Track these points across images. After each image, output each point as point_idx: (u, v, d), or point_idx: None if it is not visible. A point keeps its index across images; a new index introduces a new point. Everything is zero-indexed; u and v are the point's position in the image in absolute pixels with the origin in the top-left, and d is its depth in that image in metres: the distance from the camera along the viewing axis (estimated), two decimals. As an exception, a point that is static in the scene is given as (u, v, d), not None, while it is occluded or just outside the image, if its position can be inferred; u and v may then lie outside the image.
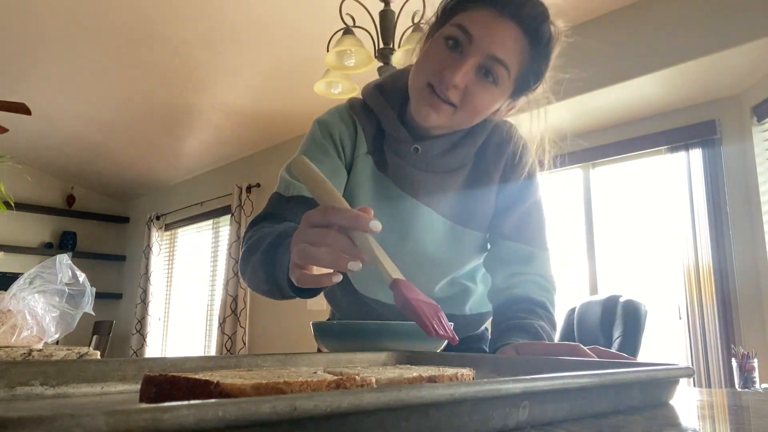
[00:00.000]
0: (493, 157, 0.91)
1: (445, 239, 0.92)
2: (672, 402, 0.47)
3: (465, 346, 1.02)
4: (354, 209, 0.55)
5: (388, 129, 0.89)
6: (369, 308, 0.97)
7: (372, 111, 0.91)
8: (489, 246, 0.95)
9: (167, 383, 0.34)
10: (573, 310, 2.46)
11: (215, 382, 0.32)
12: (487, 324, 1.06)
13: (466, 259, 0.95)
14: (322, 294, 0.94)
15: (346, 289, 0.99)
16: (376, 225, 0.53)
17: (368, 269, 0.67)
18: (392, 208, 0.90)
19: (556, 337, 0.86)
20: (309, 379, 0.35)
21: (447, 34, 0.78)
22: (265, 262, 0.71)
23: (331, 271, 0.57)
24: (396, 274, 0.55)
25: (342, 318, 1.04)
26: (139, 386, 0.37)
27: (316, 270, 0.58)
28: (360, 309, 0.99)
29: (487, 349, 1.04)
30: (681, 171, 2.82)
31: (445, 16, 0.82)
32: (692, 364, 2.62)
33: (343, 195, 0.93)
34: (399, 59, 2.15)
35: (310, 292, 0.68)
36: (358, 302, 0.98)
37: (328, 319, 1.02)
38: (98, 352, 1.42)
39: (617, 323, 2.16)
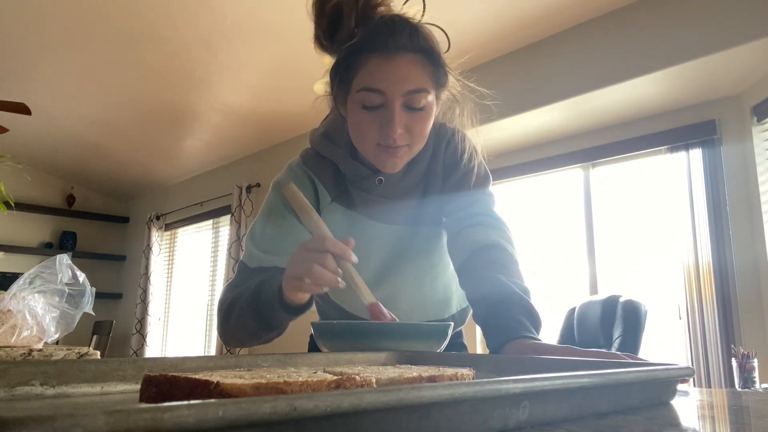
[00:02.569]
0: (435, 168, 0.97)
1: (418, 245, 0.98)
2: (672, 402, 0.47)
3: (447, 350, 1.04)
4: (341, 242, 0.73)
5: (348, 170, 0.94)
6: (339, 312, 1.03)
7: (325, 158, 0.96)
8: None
9: (167, 383, 0.35)
10: (573, 310, 2.47)
11: (215, 382, 0.32)
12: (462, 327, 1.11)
13: (439, 255, 1.00)
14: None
15: (326, 301, 1.06)
16: (355, 257, 0.74)
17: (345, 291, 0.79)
18: (369, 238, 0.96)
19: (556, 336, 0.87)
20: (309, 379, 0.35)
21: (361, 102, 0.84)
22: (255, 301, 0.82)
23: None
24: (370, 299, 0.79)
25: (320, 314, 1.09)
26: (139, 386, 0.37)
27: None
28: (331, 306, 1.04)
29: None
30: (681, 171, 2.81)
31: (345, 80, 0.87)
32: (692, 364, 2.62)
33: None
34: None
35: (298, 312, 0.81)
36: (335, 309, 1.04)
37: (328, 320, 1.03)
38: (98, 352, 1.42)
39: (617, 323, 2.16)
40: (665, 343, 2.86)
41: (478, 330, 3.39)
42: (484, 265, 0.86)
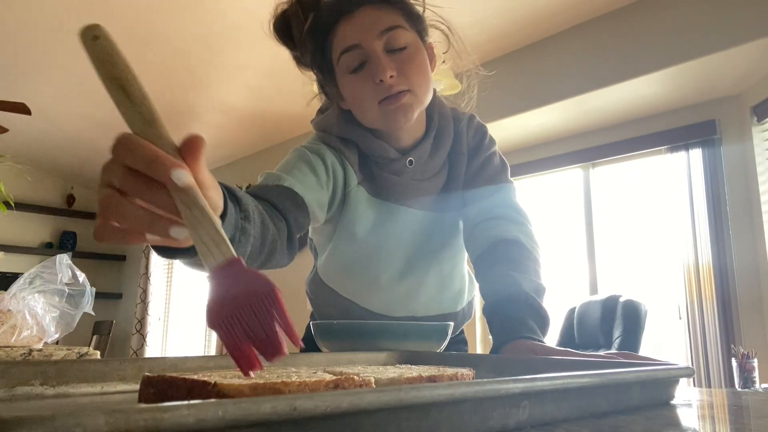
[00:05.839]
0: (460, 149, 0.95)
1: (442, 232, 0.95)
2: (672, 402, 0.47)
3: (449, 348, 1.02)
4: (156, 147, 0.38)
5: (377, 152, 0.89)
6: (347, 309, 0.96)
7: (349, 140, 0.90)
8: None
9: (165, 384, 0.34)
10: (573, 310, 2.47)
11: (213, 382, 0.32)
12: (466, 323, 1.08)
13: (458, 243, 0.98)
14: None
15: (318, 281, 0.98)
16: (181, 176, 0.37)
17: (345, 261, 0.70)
18: (400, 225, 0.92)
19: (556, 337, 0.86)
20: (307, 379, 0.35)
21: (345, 68, 0.82)
22: None
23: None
24: (222, 254, 0.37)
25: (318, 315, 1.03)
26: (138, 386, 0.37)
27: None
28: (337, 304, 0.97)
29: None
30: (681, 171, 2.81)
31: (327, 65, 0.86)
32: (692, 364, 2.62)
33: (340, 230, 0.92)
34: None
35: (171, 254, 0.49)
36: (334, 299, 0.97)
37: (328, 319, 1.02)
38: (98, 352, 1.42)
39: (617, 323, 2.16)
40: (665, 343, 2.86)
41: (478, 329, 3.39)
42: (501, 260, 0.84)
